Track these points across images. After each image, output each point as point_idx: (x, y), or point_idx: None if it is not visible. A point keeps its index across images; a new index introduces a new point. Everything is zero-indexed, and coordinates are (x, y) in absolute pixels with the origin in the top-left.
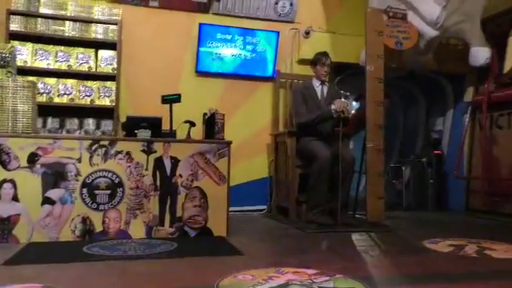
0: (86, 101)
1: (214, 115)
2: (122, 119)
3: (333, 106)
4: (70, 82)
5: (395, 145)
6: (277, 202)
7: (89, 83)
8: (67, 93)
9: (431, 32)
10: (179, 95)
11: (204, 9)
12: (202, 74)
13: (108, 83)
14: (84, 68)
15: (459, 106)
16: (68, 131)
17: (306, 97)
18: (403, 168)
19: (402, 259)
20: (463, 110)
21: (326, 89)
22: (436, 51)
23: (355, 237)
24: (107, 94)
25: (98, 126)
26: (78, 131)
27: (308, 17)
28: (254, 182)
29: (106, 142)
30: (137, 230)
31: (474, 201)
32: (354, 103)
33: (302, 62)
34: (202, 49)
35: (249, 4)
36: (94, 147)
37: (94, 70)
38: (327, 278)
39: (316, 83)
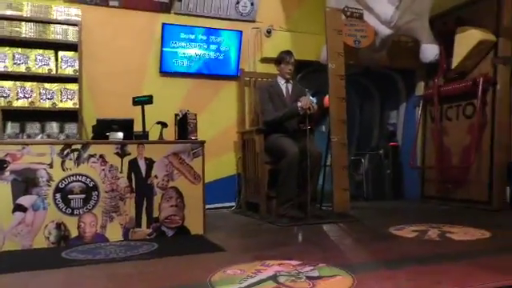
0: (48, 104)
1: (186, 115)
2: (86, 122)
3: (299, 104)
4: (29, 84)
5: (353, 138)
6: (246, 198)
7: (49, 86)
8: (26, 96)
9: (385, 30)
10: (151, 96)
11: (166, 9)
12: (166, 74)
13: (69, 85)
14: (44, 70)
15: (411, 99)
16: (29, 136)
17: (272, 95)
18: (362, 160)
19: (374, 246)
20: (415, 103)
21: (290, 86)
22: (389, 48)
23: (327, 228)
24: (69, 97)
25: (61, 130)
26: (40, 135)
27: (269, 16)
28: (223, 180)
29: (78, 146)
30: (113, 233)
31: (428, 189)
32: (311, 98)
33: (264, 60)
34: (165, 49)
35: (210, 4)
36: (65, 152)
37: (54, 72)
38: (311, 268)
39: (281, 81)
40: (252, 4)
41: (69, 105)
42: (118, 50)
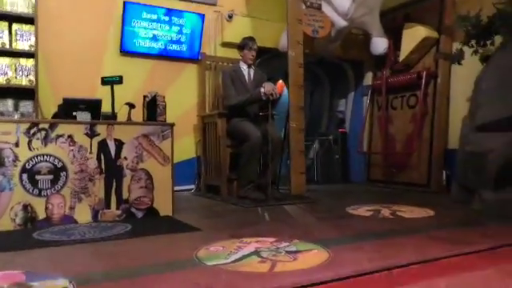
0: (1, 80)
1: (155, 98)
2: (42, 100)
3: (262, 89)
4: None
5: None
6: (205, 180)
7: (2, 60)
8: None
9: (341, 22)
10: (121, 77)
11: None
12: (127, 53)
13: (24, 61)
14: None
15: (359, 88)
16: None
17: (235, 79)
18: (314, 146)
19: (336, 223)
20: (363, 92)
21: (252, 72)
22: (342, 40)
23: (288, 208)
24: (25, 73)
25: (16, 108)
26: None
27: (230, 1)
28: (182, 163)
29: (45, 125)
30: (82, 215)
31: (373, 173)
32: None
33: (225, 45)
34: (126, 28)
35: None
36: (32, 131)
37: (8, 46)
38: (288, 244)
39: (243, 66)
40: None
41: (24, 82)
42: (76, 24)
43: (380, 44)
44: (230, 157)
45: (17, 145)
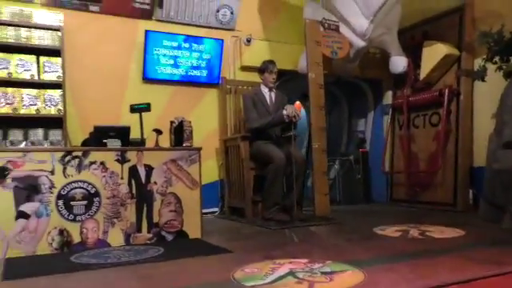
0: (31, 110)
1: (182, 123)
2: (69, 129)
3: (285, 112)
4: (11, 90)
5: None
6: (229, 203)
7: (32, 92)
8: (9, 102)
9: (360, 43)
10: (149, 104)
11: (147, 15)
12: (149, 80)
13: (52, 91)
14: (25, 76)
15: (378, 108)
16: (12, 143)
17: (256, 102)
18: (335, 166)
19: (366, 244)
20: (383, 112)
21: (273, 95)
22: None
23: (315, 229)
24: (53, 103)
25: (45, 137)
26: (24, 142)
27: (247, 26)
28: (205, 186)
29: (79, 153)
30: (115, 238)
31: (396, 192)
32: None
33: (244, 68)
34: (148, 56)
35: (191, 11)
36: (66, 159)
37: (36, 77)
38: (321, 265)
39: (264, 89)
40: (232, 13)
41: (53, 111)
42: (101, 55)
43: (399, 63)
44: (253, 179)
45: (52, 172)
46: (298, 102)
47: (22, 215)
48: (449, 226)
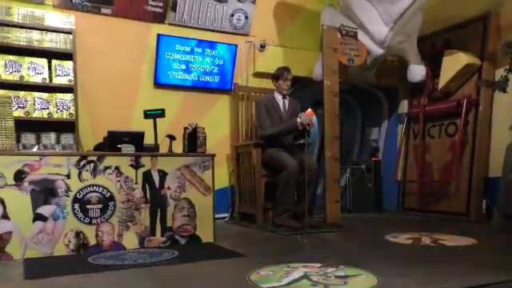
0: (43, 114)
1: (195, 129)
2: (82, 133)
3: (299, 120)
4: (23, 94)
5: None
6: (240, 209)
7: (44, 95)
8: (21, 106)
9: (378, 50)
10: (163, 110)
11: (159, 19)
12: (160, 85)
13: (64, 95)
14: (37, 79)
15: (393, 117)
16: (25, 146)
17: (270, 110)
18: (346, 174)
19: (378, 251)
20: (397, 121)
21: (287, 102)
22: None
23: (327, 236)
24: (65, 107)
25: (58, 141)
26: (36, 146)
27: (262, 31)
28: (216, 192)
29: (94, 158)
30: (130, 241)
31: (408, 201)
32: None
33: (257, 75)
34: (160, 60)
35: (205, 15)
36: (82, 163)
37: (48, 81)
38: (335, 269)
39: (278, 97)
40: (246, 17)
41: (65, 115)
42: (112, 59)
43: (418, 71)
44: (264, 186)
45: (68, 176)
46: (309, 110)
47: (39, 217)
48: (461, 235)
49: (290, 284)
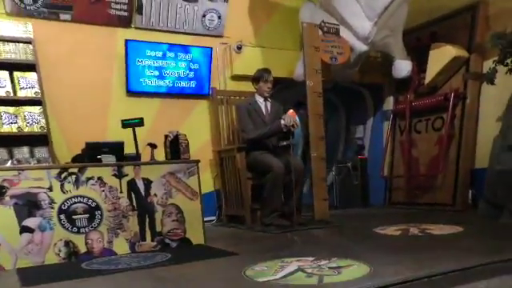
0: (12, 128)
1: (177, 137)
2: (56, 145)
3: (282, 122)
4: None
5: None
6: (226, 211)
7: (10, 109)
8: None
9: (362, 47)
10: (141, 119)
11: (125, 23)
12: (134, 93)
13: (31, 108)
14: (1, 93)
15: (378, 114)
16: None
17: (251, 113)
18: (333, 173)
19: (368, 242)
20: (383, 118)
21: (269, 105)
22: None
23: (317, 232)
24: (34, 121)
25: (31, 154)
26: (10, 161)
27: (237, 31)
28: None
29: (74, 170)
30: (121, 247)
31: (395, 196)
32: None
33: (236, 77)
34: (130, 67)
35: (174, 17)
36: (63, 175)
37: (12, 94)
38: (327, 261)
39: (259, 99)
40: (219, 17)
41: (35, 129)
42: (78, 68)
43: (404, 67)
44: (251, 188)
45: (50, 189)
46: (291, 110)
47: (26, 230)
48: (448, 224)
49: (285, 277)
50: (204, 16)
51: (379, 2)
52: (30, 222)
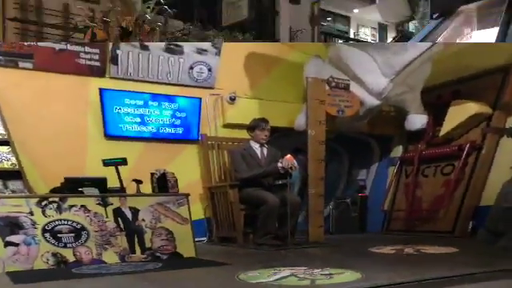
0: None
1: (164, 175)
2: (32, 180)
3: (280, 164)
4: None
5: None
6: (217, 234)
7: None
8: None
9: (374, 101)
10: (124, 158)
11: (99, 73)
12: (113, 137)
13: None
14: None
15: (384, 160)
16: None
17: (246, 157)
18: (330, 207)
19: (362, 259)
20: (388, 163)
21: (265, 150)
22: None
23: (311, 250)
24: (4, 158)
25: (5, 186)
26: None
27: (230, 84)
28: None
29: (55, 199)
30: (110, 258)
31: (395, 224)
32: None
33: (228, 126)
34: (108, 114)
35: (156, 68)
36: (43, 203)
37: None
38: (320, 270)
39: (255, 145)
40: (210, 70)
41: (6, 165)
42: (46, 114)
43: (418, 120)
44: (244, 217)
45: (31, 213)
46: (289, 155)
47: (10, 244)
48: (444, 246)
49: (278, 280)
50: (192, 68)
51: (399, 60)
52: (14, 238)
